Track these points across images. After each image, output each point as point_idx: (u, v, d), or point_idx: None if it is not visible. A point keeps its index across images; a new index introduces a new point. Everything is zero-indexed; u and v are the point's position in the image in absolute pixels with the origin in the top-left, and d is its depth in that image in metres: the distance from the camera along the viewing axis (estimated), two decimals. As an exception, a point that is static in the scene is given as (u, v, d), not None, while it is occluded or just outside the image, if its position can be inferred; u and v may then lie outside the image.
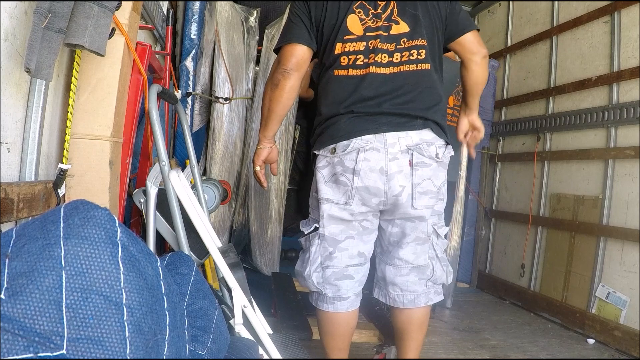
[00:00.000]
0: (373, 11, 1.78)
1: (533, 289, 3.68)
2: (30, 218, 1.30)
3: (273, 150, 1.94)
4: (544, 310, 3.49)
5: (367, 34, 1.76)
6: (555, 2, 3.74)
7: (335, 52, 1.78)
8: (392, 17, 1.77)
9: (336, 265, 1.84)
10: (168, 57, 2.99)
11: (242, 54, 3.65)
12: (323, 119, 1.82)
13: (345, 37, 1.77)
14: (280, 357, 1.56)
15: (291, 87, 1.77)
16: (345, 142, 1.73)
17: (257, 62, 3.76)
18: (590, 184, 3.29)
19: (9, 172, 1.28)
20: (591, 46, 3.37)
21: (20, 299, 0.67)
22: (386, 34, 1.76)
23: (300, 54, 1.77)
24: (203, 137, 3.64)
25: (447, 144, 1.83)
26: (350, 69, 1.77)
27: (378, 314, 2.48)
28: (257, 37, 3.76)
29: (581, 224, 3.28)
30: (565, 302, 3.34)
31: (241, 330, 1.52)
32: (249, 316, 1.57)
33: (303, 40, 1.77)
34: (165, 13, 3.03)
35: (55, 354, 0.65)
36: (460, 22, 1.84)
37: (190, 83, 3.36)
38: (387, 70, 1.75)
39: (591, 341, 2.99)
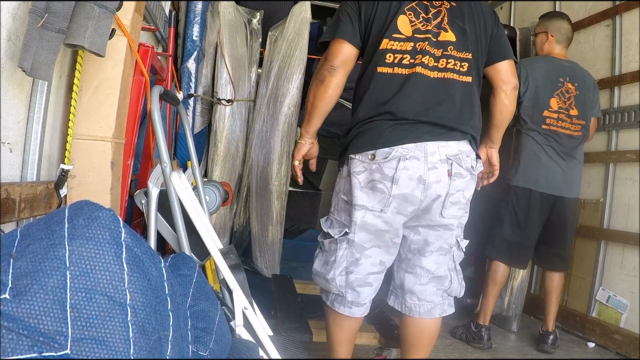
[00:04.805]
0: (424, 15, 1.76)
1: (533, 292, 3.67)
2: (31, 218, 1.30)
3: (314, 146, 1.95)
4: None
5: (415, 35, 1.74)
6: (557, 5, 3.74)
7: (381, 47, 1.74)
8: (442, 25, 1.76)
9: (360, 272, 1.80)
10: (170, 58, 2.99)
11: (244, 56, 3.65)
12: (361, 120, 1.76)
13: (393, 35, 1.74)
14: (280, 359, 1.56)
15: (337, 84, 1.79)
16: (386, 149, 1.69)
17: (260, 65, 3.76)
18: (591, 188, 3.29)
19: (10, 172, 1.28)
20: (592, 50, 3.38)
21: (25, 298, 0.67)
22: (435, 40, 1.74)
23: (347, 52, 1.78)
24: (204, 139, 3.64)
25: (479, 157, 1.82)
26: (395, 67, 1.73)
27: (378, 317, 2.48)
28: (260, 40, 3.76)
29: (582, 227, 3.28)
30: (566, 305, 3.34)
31: (242, 332, 1.52)
32: (249, 318, 1.56)
33: (350, 38, 1.78)
34: (167, 14, 3.04)
35: (59, 353, 0.65)
36: (501, 48, 1.85)
37: (192, 84, 3.36)
38: (432, 74, 1.73)
39: (591, 345, 2.98)
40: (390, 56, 1.74)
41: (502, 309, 3.26)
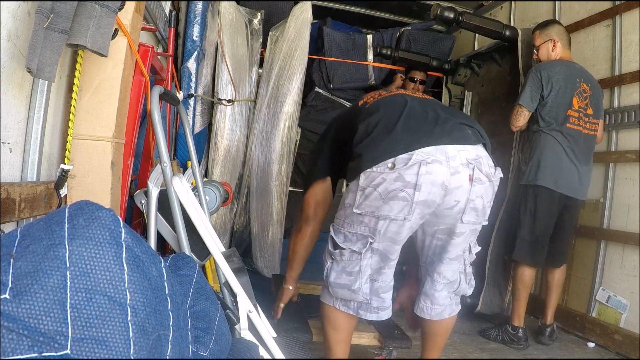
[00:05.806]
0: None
1: (533, 292, 3.67)
2: (31, 218, 1.30)
3: (296, 290, 2.23)
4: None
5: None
6: (557, 5, 3.74)
7: (360, 104, 1.95)
8: None
9: (384, 280, 1.80)
10: (170, 58, 2.99)
11: (245, 56, 3.65)
12: (368, 133, 1.75)
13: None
14: (284, 358, 1.56)
15: (312, 232, 2.04)
16: (405, 155, 1.62)
17: (260, 65, 3.76)
18: (591, 188, 3.27)
19: (10, 172, 1.28)
20: (592, 50, 3.38)
21: (25, 298, 0.67)
22: None
23: (317, 194, 2.02)
24: (204, 139, 3.64)
25: (496, 166, 1.79)
26: (378, 97, 1.91)
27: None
28: (261, 40, 3.76)
29: (582, 228, 3.27)
30: (566, 305, 3.33)
31: (247, 336, 1.52)
32: (254, 321, 1.56)
33: (320, 175, 2.03)
34: (167, 14, 3.04)
35: (59, 353, 0.65)
36: None
37: (192, 85, 3.36)
38: (413, 94, 1.91)
39: (591, 345, 2.98)
40: (370, 98, 1.94)
41: (502, 308, 3.26)
